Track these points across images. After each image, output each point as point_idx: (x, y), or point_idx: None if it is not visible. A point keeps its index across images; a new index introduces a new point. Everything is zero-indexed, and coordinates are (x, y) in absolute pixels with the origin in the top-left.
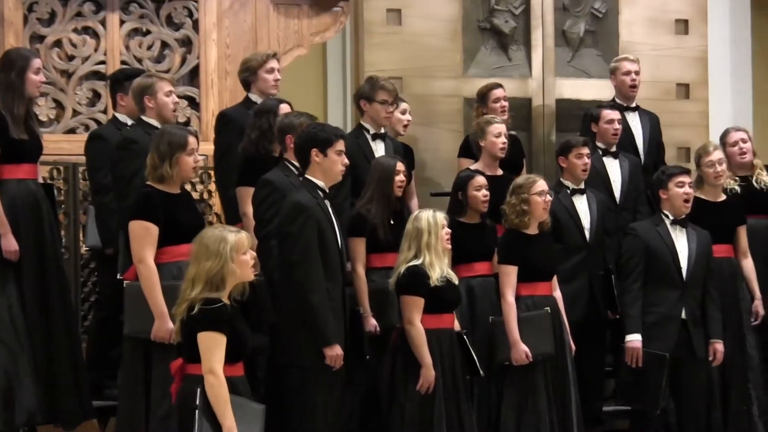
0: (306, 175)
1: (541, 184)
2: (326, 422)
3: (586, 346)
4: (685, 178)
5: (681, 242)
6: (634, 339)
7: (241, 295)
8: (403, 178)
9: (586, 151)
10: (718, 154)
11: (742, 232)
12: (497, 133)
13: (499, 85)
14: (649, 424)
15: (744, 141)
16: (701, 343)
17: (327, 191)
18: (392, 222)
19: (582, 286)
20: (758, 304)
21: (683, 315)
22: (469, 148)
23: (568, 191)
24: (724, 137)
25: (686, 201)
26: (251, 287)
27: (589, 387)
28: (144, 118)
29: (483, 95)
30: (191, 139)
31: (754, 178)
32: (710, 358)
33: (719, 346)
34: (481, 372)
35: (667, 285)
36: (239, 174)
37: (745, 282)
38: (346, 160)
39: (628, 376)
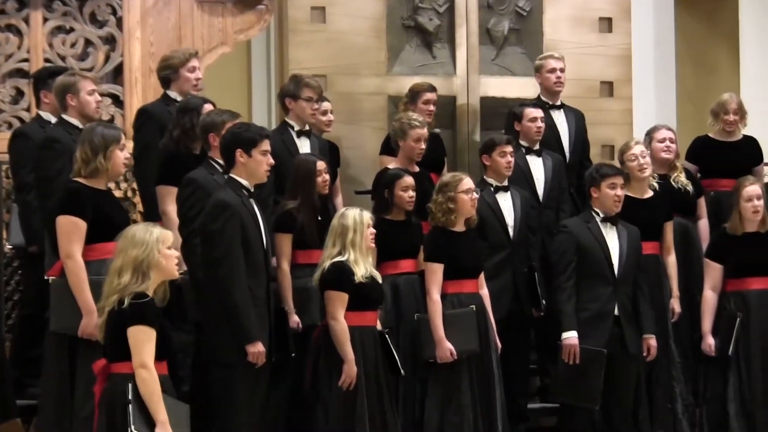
0: (231, 175)
1: (468, 182)
2: (251, 419)
3: (511, 344)
4: (618, 180)
5: (612, 239)
6: (571, 336)
7: (163, 300)
8: (326, 177)
9: (509, 149)
10: (639, 147)
11: (668, 229)
12: (417, 138)
13: (434, 89)
14: (578, 420)
15: (671, 141)
16: (633, 338)
17: (252, 190)
18: (319, 219)
19: (506, 284)
20: (675, 302)
21: (616, 311)
22: (391, 145)
23: (492, 189)
24: (652, 132)
25: (616, 202)
26: (176, 287)
27: (514, 384)
28: (65, 117)
29: (415, 93)
30: (123, 135)
31: (673, 178)
32: (644, 354)
33: (652, 341)
34: (402, 371)
35: (599, 282)
36: (159, 172)
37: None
38: (272, 160)
39: (566, 373)
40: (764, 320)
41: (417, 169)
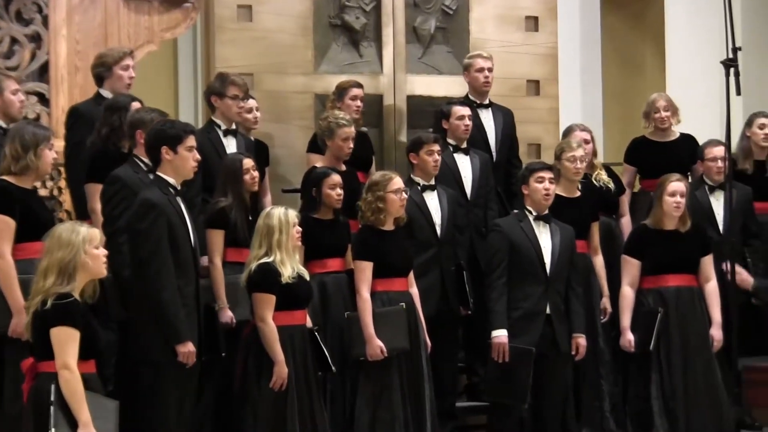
0: (157, 173)
1: (398, 182)
2: (179, 420)
3: (439, 342)
4: (546, 174)
5: (544, 238)
6: (500, 334)
7: (92, 297)
8: (255, 174)
9: (436, 148)
10: (581, 152)
11: (595, 229)
12: (345, 137)
13: (360, 85)
14: (508, 419)
15: (587, 141)
16: (565, 337)
17: (179, 188)
18: (250, 218)
19: (434, 282)
20: (606, 301)
21: (548, 310)
22: (318, 144)
23: (419, 187)
24: (566, 133)
25: (546, 196)
26: (99, 285)
27: (442, 382)
28: None
29: (342, 90)
30: (52, 135)
31: (594, 176)
32: (573, 353)
33: (582, 340)
34: (333, 368)
35: (531, 280)
36: (87, 170)
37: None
38: (198, 156)
39: (495, 372)
40: (683, 317)
41: (344, 167)
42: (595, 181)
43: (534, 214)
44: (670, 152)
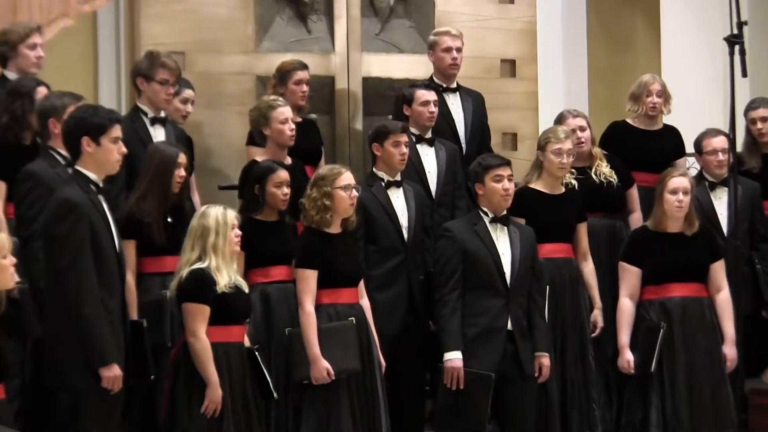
0: (76, 167)
1: (347, 177)
2: None
3: (405, 363)
4: (504, 171)
5: (503, 243)
6: (454, 357)
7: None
8: (184, 173)
9: (404, 138)
10: (569, 145)
11: (582, 231)
12: (283, 119)
13: (305, 66)
14: None
15: (582, 129)
16: (530, 357)
17: (101, 185)
18: (170, 220)
19: (400, 294)
20: (597, 314)
21: (509, 326)
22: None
23: (383, 183)
24: (559, 121)
25: (506, 197)
26: (11, 299)
27: (407, 408)
28: None
29: (284, 73)
30: None
31: (593, 169)
32: (536, 374)
33: (545, 360)
34: (275, 394)
35: (489, 293)
36: None
37: (585, 288)
38: (124, 149)
39: (447, 399)
40: (689, 332)
41: (290, 160)
42: (594, 176)
43: (490, 216)
44: (652, 143)
